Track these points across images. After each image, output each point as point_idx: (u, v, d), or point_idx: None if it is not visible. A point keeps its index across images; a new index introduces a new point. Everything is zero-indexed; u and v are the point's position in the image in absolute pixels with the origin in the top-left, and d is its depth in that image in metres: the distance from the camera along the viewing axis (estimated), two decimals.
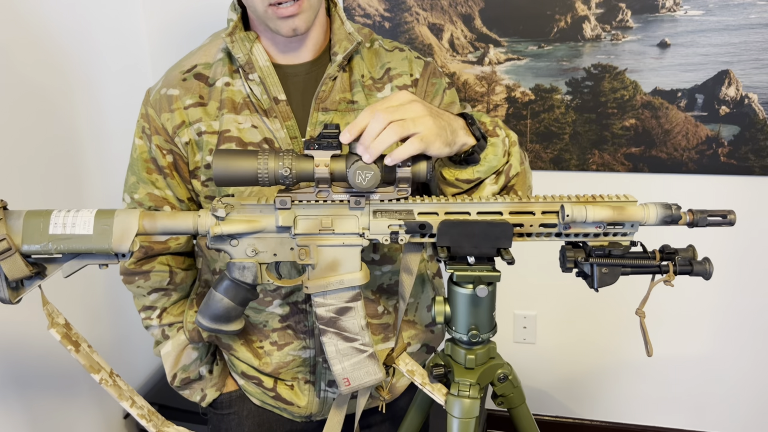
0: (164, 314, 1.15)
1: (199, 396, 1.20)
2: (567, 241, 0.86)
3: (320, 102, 1.02)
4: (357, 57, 1.06)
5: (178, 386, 1.18)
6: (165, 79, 1.06)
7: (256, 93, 1.01)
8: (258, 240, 0.85)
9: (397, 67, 1.08)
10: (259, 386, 1.17)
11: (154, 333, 1.17)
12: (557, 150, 1.90)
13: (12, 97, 1.46)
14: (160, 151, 1.06)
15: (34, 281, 0.83)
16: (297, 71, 1.05)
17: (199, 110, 1.03)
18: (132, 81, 1.90)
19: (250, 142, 1.02)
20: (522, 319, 2.11)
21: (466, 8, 1.82)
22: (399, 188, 0.82)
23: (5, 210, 0.81)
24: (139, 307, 1.16)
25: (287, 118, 1.02)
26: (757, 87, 1.74)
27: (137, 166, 1.08)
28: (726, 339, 2.00)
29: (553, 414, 2.21)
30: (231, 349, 1.16)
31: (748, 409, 2.05)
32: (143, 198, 1.08)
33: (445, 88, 1.11)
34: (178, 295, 1.16)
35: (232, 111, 1.02)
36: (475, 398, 0.90)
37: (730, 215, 0.82)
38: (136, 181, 1.08)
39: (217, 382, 1.20)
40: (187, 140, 1.04)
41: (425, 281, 1.19)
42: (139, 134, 1.07)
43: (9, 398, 1.47)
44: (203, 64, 1.05)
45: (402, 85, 1.07)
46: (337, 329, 0.89)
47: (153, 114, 1.05)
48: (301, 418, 1.20)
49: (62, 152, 1.64)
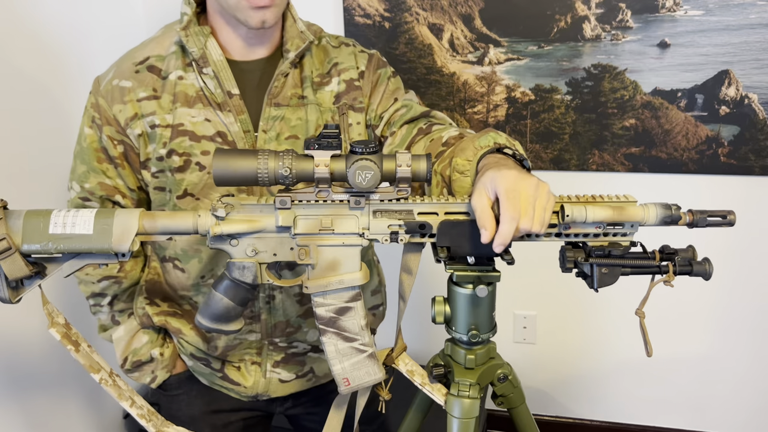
0: (115, 301, 1.19)
1: (149, 378, 1.22)
2: (567, 241, 0.86)
3: (272, 97, 1.05)
4: (308, 54, 1.10)
5: (128, 369, 1.21)
6: (116, 70, 1.06)
7: (210, 87, 1.03)
8: (258, 240, 0.85)
9: (344, 62, 1.12)
10: (208, 367, 1.20)
11: (102, 318, 1.21)
12: (557, 150, 1.90)
13: (12, 95, 1.46)
14: (111, 142, 1.07)
15: (34, 281, 0.83)
16: (250, 67, 1.07)
17: (153, 103, 1.04)
18: None
19: (203, 135, 1.04)
20: (522, 319, 2.11)
21: (466, 8, 1.82)
22: (399, 188, 0.82)
23: (5, 209, 0.81)
24: (87, 294, 1.18)
25: (240, 112, 1.04)
26: (757, 87, 1.74)
27: (87, 155, 1.09)
28: (726, 339, 2.00)
29: (553, 414, 2.21)
30: (180, 333, 1.19)
31: (748, 409, 2.05)
32: (94, 187, 1.09)
33: (390, 76, 1.15)
34: (128, 283, 1.18)
35: (186, 104, 1.04)
36: (475, 398, 0.90)
37: (729, 216, 0.82)
38: (87, 171, 1.09)
39: (168, 363, 1.23)
40: (139, 132, 1.05)
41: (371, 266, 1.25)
42: (89, 123, 1.08)
43: (9, 398, 1.47)
44: (156, 56, 1.06)
45: (348, 79, 1.11)
46: (337, 329, 0.89)
47: (104, 104, 1.05)
48: (247, 398, 1.23)
49: (59, 147, 1.64)
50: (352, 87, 1.11)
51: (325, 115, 1.08)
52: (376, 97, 1.13)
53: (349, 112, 1.10)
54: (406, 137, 1.07)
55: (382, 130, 1.12)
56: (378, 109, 1.12)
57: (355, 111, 1.11)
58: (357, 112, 1.11)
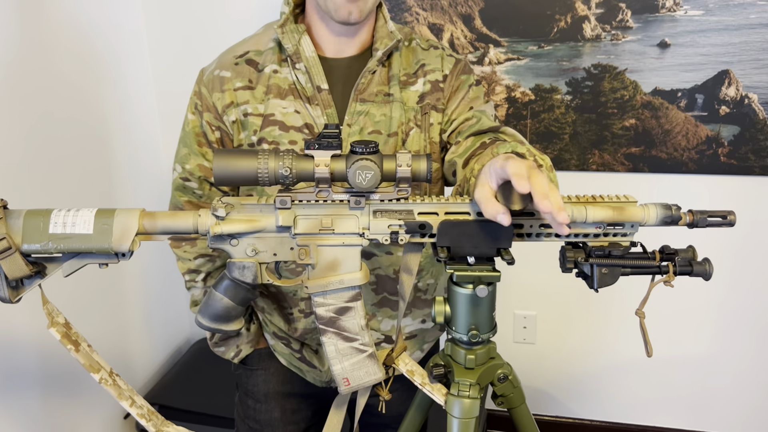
0: (209, 278, 1.25)
1: (234, 352, 1.27)
2: (567, 241, 0.86)
3: (359, 93, 1.09)
4: (396, 54, 1.14)
5: (216, 342, 1.27)
6: (219, 62, 1.14)
7: (301, 81, 1.09)
8: (258, 240, 0.85)
9: (431, 64, 1.15)
10: (288, 346, 1.25)
11: (195, 293, 1.27)
12: (557, 150, 1.90)
13: (18, 95, 1.46)
14: (209, 127, 1.14)
15: (34, 280, 0.83)
16: (340, 64, 1.12)
17: (247, 93, 1.10)
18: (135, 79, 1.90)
19: (292, 126, 1.09)
20: (522, 319, 2.11)
21: (466, 8, 1.82)
22: (399, 188, 0.82)
23: (5, 209, 0.81)
24: (183, 270, 1.24)
25: (328, 106, 1.09)
26: (757, 87, 1.74)
27: (189, 138, 1.16)
28: (726, 339, 2.00)
29: (553, 414, 2.21)
30: (265, 312, 1.25)
31: (748, 409, 2.05)
32: (194, 168, 1.16)
33: (472, 84, 1.17)
34: (221, 261, 1.24)
35: (278, 96, 1.10)
36: (475, 398, 0.90)
37: (730, 216, 0.82)
38: (188, 153, 1.16)
39: (252, 338, 1.28)
40: (234, 119, 1.11)
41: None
42: (192, 110, 1.15)
43: (9, 398, 1.47)
44: (255, 51, 1.13)
45: (434, 80, 1.14)
46: (337, 329, 0.89)
47: (206, 92, 1.13)
48: (321, 383, 1.27)
49: (67, 154, 1.64)
50: (436, 88, 1.13)
51: (408, 114, 1.11)
52: (454, 101, 1.14)
53: (432, 112, 1.13)
54: (468, 149, 1.04)
55: (449, 136, 1.13)
56: (453, 114, 1.14)
57: (437, 111, 1.13)
58: (438, 112, 1.14)
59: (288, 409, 1.30)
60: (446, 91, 1.14)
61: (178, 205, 1.20)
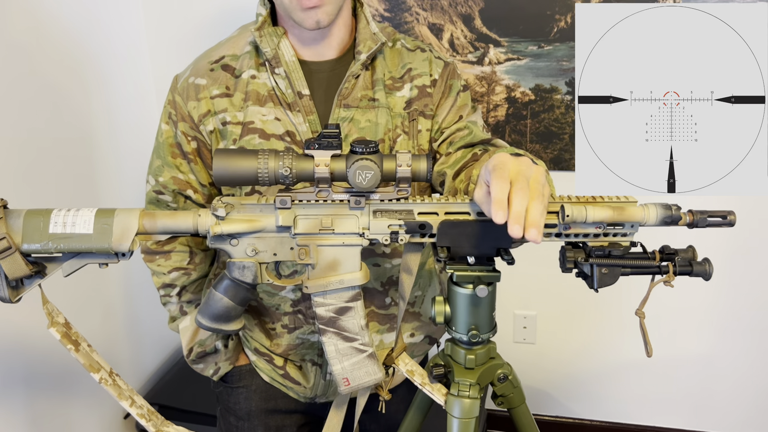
0: (183, 292, 1.20)
1: (213, 369, 1.23)
2: (567, 241, 0.86)
3: (342, 98, 1.05)
4: (380, 56, 1.09)
5: (193, 360, 1.21)
6: (193, 68, 1.09)
7: (281, 86, 1.04)
8: (258, 239, 0.85)
9: (418, 68, 1.10)
10: (270, 363, 1.21)
11: (171, 309, 1.22)
12: (557, 150, 1.90)
13: (23, 95, 1.46)
14: (185, 137, 1.09)
15: (34, 280, 0.83)
16: (321, 68, 1.07)
17: (225, 101, 1.06)
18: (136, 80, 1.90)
19: (272, 133, 1.04)
20: (522, 319, 2.11)
21: (466, 8, 1.82)
22: (399, 188, 0.82)
23: (5, 209, 0.81)
24: (158, 285, 1.20)
25: (309, 113, 1.05)
26: None
27: (163, 150, 1.11)
28: (726, 339, 2.00)
29: (553, 414, 2.21)
30: (245, 327, 1.20)
31: (748, 409, 2.05)
32: (167, 181, 1.12)
33: (460, 90, 1.13)
34: (197, 274, 1.20)
35: (257, 103, 1.05)
36: (475, 398, 0.90)
37: (730, 216, 0.82)
38: (161, 165, 1.12)
39: (231, 355, 1.23)
40: (211, 129, 1.07)
41: (432, 275, 1.22)
42: (166, 119, 1.11)
43: (9, 398, 1.47)
44: (231, 55, 1.08)
45: (421, 85, 1.09)
46: (337, 329, 0.89)
47: (180, 101, 1.08)
48: (305, 399, 1.24)
49: (74, 153, 1.64)
50: (424, 93, 1.09)
51: (395, 120, 1.07)
52: (443, 108, 1.11)
53: (420, 118, 1.09)
54: (458, 160, 1.04)
55: (440, 146, 1.10)
56: (442, 123, 1.10)
57: (425, 117, 1.09)
58: (427, 118, 1.10)
59: (272, 426, 1.25)
60: (435, 96, 1.10)
61: None
